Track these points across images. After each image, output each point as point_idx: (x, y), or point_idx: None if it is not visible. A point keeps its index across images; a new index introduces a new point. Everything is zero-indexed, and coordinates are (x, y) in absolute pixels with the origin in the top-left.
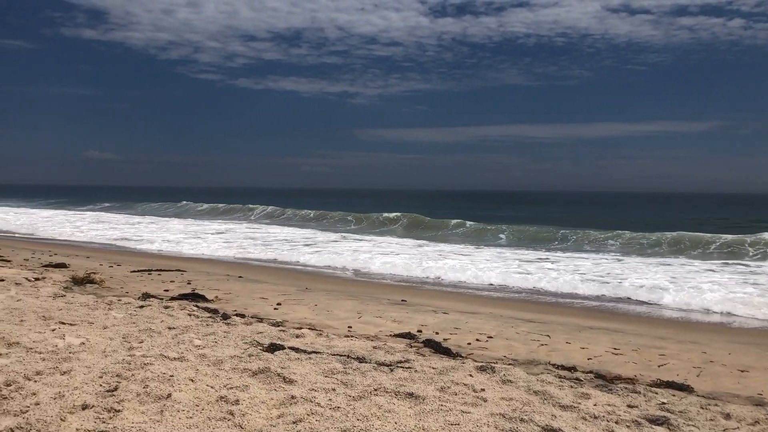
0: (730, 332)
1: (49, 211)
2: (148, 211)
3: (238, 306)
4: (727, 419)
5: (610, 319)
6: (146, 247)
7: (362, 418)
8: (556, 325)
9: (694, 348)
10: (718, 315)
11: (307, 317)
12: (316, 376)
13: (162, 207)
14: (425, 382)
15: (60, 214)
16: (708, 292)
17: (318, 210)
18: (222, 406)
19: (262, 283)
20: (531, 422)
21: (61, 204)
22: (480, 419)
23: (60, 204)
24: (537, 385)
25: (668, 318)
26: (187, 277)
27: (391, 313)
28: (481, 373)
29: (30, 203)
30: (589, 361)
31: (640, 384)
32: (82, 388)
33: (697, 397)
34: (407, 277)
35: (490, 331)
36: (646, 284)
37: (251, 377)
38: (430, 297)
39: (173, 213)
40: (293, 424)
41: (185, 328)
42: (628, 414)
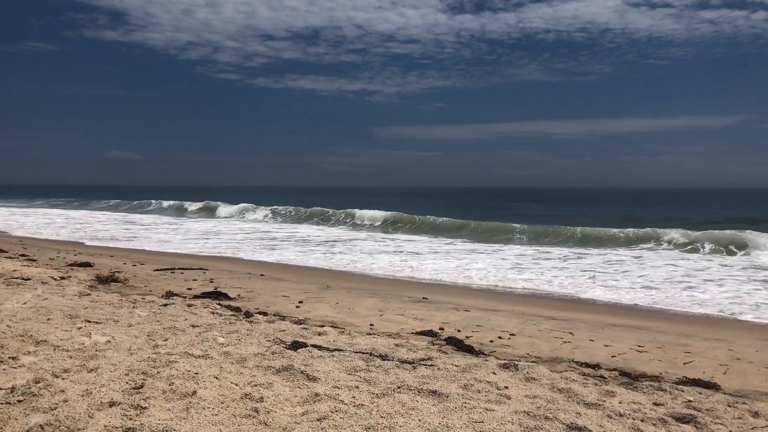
0: (757, 329)
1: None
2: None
3: (261, 304)
4: (756, 417)
5: (634, 316)
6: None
7: (386, 416)
8: (579, 323)
9: (720, 345)
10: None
11: (328, 315)
12: (339, 373)
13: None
14: (448, 380)
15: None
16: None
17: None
18: (247, 403)
19: (283, 281)
20: (555, 420)
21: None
22: (504, 417)
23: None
24: (561, 382)
25: (693, 315)
26: (210, 275)
27: (412, 311)
28: (504, 370)
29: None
30: (613, 358)
31: (666, 382)
32: (109, 385)
33: (725, 395)
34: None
35: (512, 328)
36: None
37: (275, 375)
38: (451, 294)
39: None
40: (318, 422)
41: (209, 326)
42: (654, 412)
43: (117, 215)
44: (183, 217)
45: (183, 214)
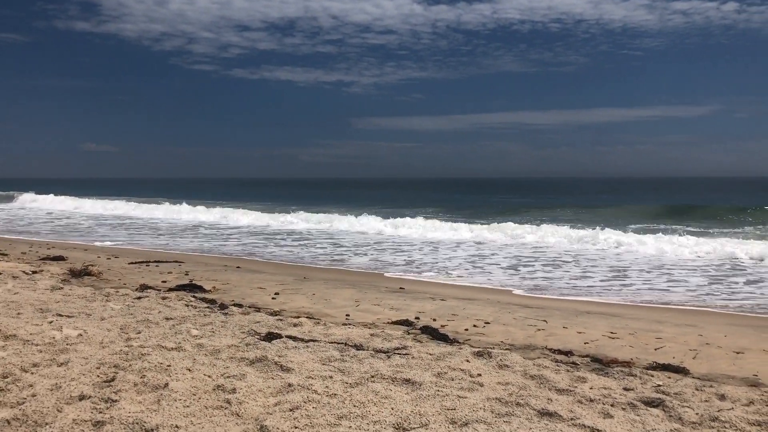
0: (727, 315)
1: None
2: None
3: (236, 296)
4: (722, 400)
5: (608, 303)
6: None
7: (359, 405)
8: (554, 311)
9: (691, 331)
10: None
11: (305, 306)
12: (313, 364)
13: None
14: (422, 368)
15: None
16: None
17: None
18: (219, 394)
19: (260, 274)
20: (527, 406)
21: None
22: (476, 404)
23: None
24: (533, 369)
25: (666, 302)
26: (185, 268)
27: (389, 301)
28: (478, 358)
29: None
30: (586, 345)
31: (637, 367)
32: (79, 379)
33: (693, 379)
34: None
35: (487, 317)
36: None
37: (248, 366)
38: (428, 284)
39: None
40: (290, 412)
41: (182, 318)
42: (624, 397)
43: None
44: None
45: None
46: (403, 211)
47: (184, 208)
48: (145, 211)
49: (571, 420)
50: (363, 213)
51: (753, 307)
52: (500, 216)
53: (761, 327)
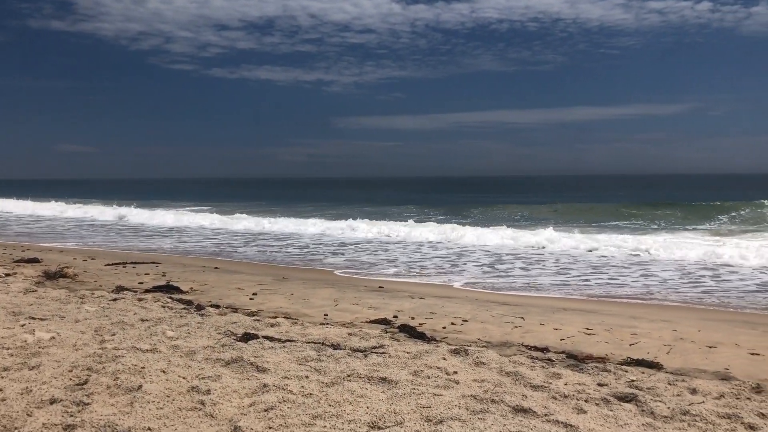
0: (701, 310)
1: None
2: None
3: (213, 297)
4: (694, 394)
5: (585, 300)
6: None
7: (334, 404)
8: (531, 308)
9: (666, 326)
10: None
11: (283, 306)
12: (289, 364)
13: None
14: (399, 367)
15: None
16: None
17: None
18: (193, 396)
19: (238, 274)
20: (501, 403)
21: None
22: (451, 401)
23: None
24: (509, 366)
25: (640, 295)
26: (162, 269)
27: (368, 300)
28: (455, 356)
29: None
30: (562, 341)
31: (611, 363)
32: (51, 382)
33: (666, 374)
34: None
35: (465, 314)
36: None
37: (224, 367)
38: (408, 283)
39: None
40: (264, 412)
41: (158, 319)
42: (598, 392)
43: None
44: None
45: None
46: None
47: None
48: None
49: (545, 416)
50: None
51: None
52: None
53: (734, 321)
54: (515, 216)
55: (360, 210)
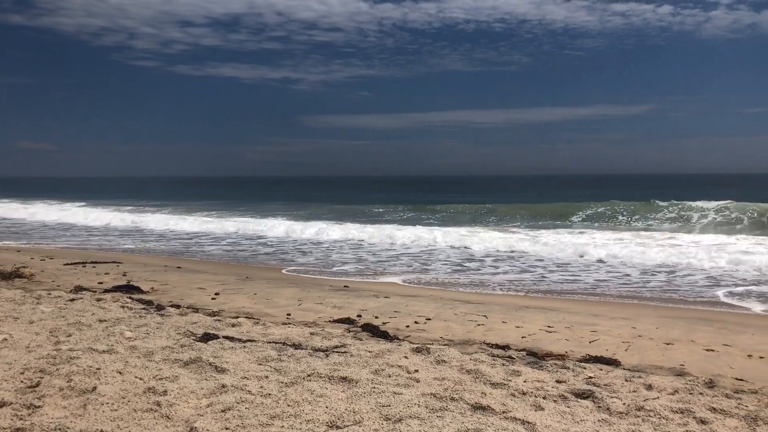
0: (660, 308)
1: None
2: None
3: (175, 297)
4: (649, 390)
5: (547, 299)
6: None
7: (293, 404)
8: (494, 306)
9: (625, 324)
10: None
11: (245, 306)
12: (249, 364)
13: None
14: (360, 366)
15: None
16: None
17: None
18: (149, 397)
19: (201, 274)
20: (461, 401)
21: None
22: (411, 400)
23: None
24: (470, 364)
25: (601, 293)
26: (124, 268)
27: (332, 299)
28: (416, 354)
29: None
30: (523, 339)
31: (570, 360)
32: (1, 385)
33: (623, 371)
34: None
35: (429, 313)
36: None
37: (182, 368)
38: (373, 283)
39: None
40: (222, 413)
41: (117, 320)
42: (556, 389)
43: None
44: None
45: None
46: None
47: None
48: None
49: (503, 413)
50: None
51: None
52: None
53: (691, 319)
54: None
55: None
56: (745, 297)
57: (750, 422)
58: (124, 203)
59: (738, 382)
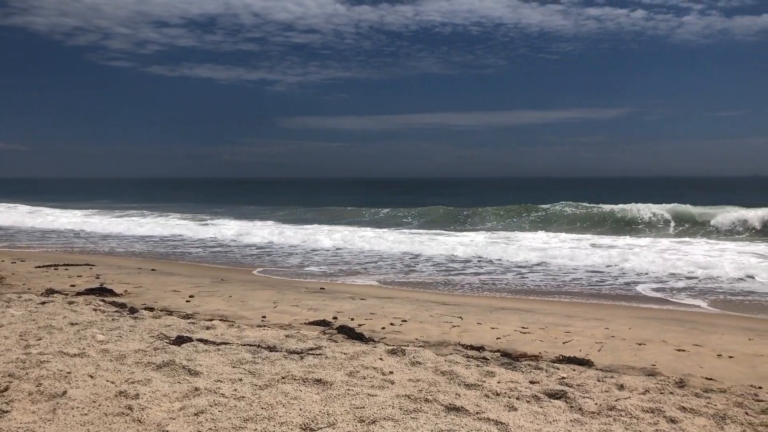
0: (633, 309)
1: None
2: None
3: (148, 299)
4: (621, 390)
5: (523, 299)
6: None
7: (267, 407)
8: (470, 307)
9: (599, 325)
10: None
11: (220, 308)
12: (223, 367)
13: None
14: (335, 368)
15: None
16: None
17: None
18: (121, 401)
19: (175, 276)
20: (435, 402)
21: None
22: (385, 401)
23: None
24: (444, 365)
25: (577, 293)
26: (97, 271)
27: (308, 302)
28: (392, 356)
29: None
30: (498, 340)
31: (544, 360)
32: None
33: (596, 371)
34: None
35: (405, 315)
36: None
37: (154, 371)
38: (350, 285)
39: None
40: (194, 416)
41: (89, 323)
42: (529, 390)
43: None
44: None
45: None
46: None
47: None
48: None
49: (477, 414)
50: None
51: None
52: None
53: (663, 319)
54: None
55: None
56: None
57: (718, 421)
58: (82, 205)
59: (708, 382)
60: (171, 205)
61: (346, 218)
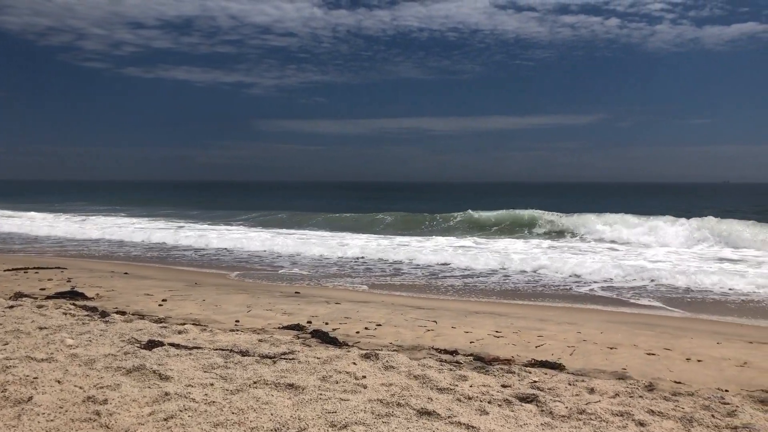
0: (605, 313)
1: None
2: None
3: (121, 303)
4: (591, 393)
5: (497, 303)
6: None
7: (237, 412)
8: (444, 311)
9: (571, 329)
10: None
11: (193, 313)
12: (194, 371)
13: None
14: (307, 373)
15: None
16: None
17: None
18: (89, 406)
19: (148, 279)
20: (407, 406)
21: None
22: (357, 406)
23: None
24: (417, 369)
25: (550, 295)
26: (68, 274)
27: (282, 306)
28: (365, 360)
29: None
30: (472, 344)
31: (516, 364)
32: None
33: (567, 375)
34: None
35: (379, 319)
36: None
37: (124, 376)
38: (325, 288)
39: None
40: (164, 421)
41: (58, 327)
42: (501, 393)
43: None
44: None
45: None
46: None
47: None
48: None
49: (449, 418)
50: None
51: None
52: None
53: (634, 323)
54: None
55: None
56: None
57: (685, 423)
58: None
59: (676, 385)
60: (129, 208)
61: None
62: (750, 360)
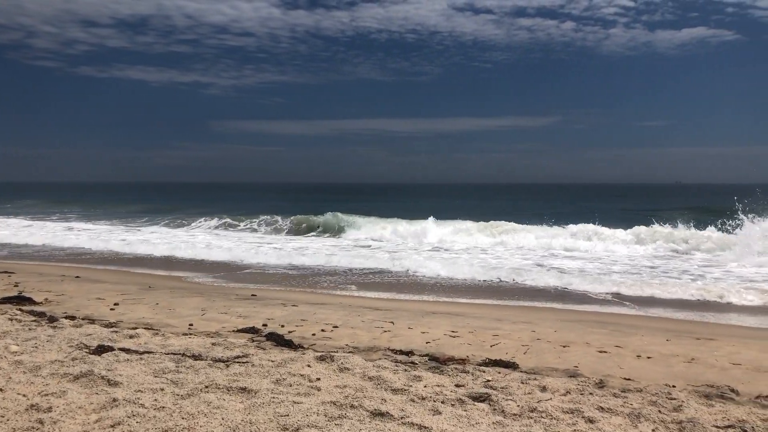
0: (560, 312)
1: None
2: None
3: (71, 308)
4: (543, 391)
5: (454, 303)
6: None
7: (188, 417)
8: (402, 312)
9: (526, 327)
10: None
11: (145, 317)
12: (144, 376)
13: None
14: (261, 376)
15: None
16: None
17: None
18: (32, 414)
19: (100, 283)
20: (360, 408)
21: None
22: (310, 408)
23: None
24: (372, 371)
25: (505, 292)
26: (16, 278)
27: (237, 309)
28: (320, 362)
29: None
30: (428, 344)
31: (471, 364)
32: None
33: (520, 373)
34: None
35: (336, 321)
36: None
37: (71, 382)
38: (281, 291)
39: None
40: (111, 428)
41: (3, 333)
42: (454, 393)
43: None
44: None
45: None
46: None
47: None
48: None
49: (401, 419)
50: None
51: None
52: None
53: (587, 322)
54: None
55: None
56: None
57: (633, 419)
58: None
59: (626, 382)
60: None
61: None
62: (697, 356)
